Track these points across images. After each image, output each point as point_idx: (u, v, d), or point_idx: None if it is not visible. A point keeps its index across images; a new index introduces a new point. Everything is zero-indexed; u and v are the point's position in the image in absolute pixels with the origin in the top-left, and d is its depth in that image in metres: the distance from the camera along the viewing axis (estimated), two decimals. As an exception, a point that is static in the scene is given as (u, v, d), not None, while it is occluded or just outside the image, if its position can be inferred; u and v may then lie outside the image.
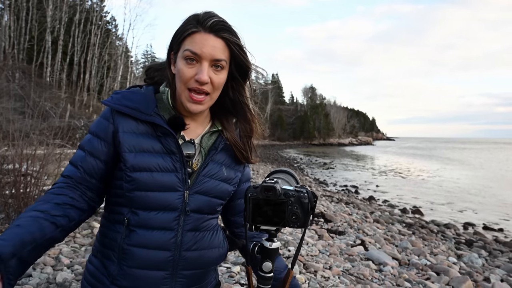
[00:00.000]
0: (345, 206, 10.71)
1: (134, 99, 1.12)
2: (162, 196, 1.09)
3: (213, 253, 1.21)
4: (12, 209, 4.06)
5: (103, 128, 1.12)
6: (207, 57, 1.07)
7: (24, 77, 23.83)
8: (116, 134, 1.09)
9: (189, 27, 1.09)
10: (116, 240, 1.12)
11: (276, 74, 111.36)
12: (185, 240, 1.13)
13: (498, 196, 16.36)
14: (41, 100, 17.92)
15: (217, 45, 1.08)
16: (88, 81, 33.26)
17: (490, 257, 7.15)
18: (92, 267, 1.18)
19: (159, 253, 1.10)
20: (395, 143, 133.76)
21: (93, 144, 1.12)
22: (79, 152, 1.14)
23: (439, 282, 4.59)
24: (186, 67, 1.08)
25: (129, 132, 1.10)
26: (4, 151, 5.03)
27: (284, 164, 29.93)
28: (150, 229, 1.10)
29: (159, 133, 1.10)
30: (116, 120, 1.10)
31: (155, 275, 1.11)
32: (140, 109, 1.10)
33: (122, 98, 1.12)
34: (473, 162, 39.94)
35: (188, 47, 1.08)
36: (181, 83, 1.10)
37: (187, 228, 1.13)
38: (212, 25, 1.08)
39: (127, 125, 1.10)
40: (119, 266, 1.11)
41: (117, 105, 1.10)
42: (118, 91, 1.16)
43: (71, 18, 33.01)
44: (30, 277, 3.09)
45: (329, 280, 3.91)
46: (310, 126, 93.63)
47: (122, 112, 1.10)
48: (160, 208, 1.10)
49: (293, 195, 0.99)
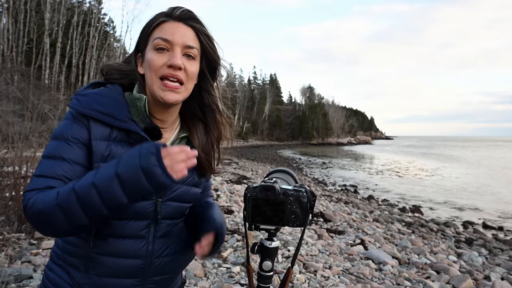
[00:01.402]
0: (344, 205, 10.71)
1: (105, 103, 1.04)
2: (134, 206, 1.02)
3: (182, 257, 1.19)
4: (12, 212, 4.07)
5: (78, 132, 1.01)
6: (178, 43, 1.04)
7: (23, 79, 23.82)
8: (90, 140, 1.02)
9: (157, 18, 1.07)
10: (82, 248, 1.06)
11: (274, 74, 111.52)
12: (156, 247, 1.10)
13: (498, 194, 16.40)
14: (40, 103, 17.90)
15: (188, 33, 1.06)
16: (86, 83, 33.22)
17: (490, 255, 7.15)
18: (52, 274, 1.11)
19: (130, 261, 1.07)
20: (394, 142, 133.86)
21: (75, 151, 1.00)
22: (55, 163, 0.99)
23: (439, 280, 4.59)
24: (156, 56, 1.04)
25: (101, 140, 1.02)
26: (3, 154, 5.04)
27: (283, 164, 29.94)
28: (120, 238, 1.05)
29: (132, 140, 1.04)
30: (90, 126, 1.02)
31: (125, 283, 1.08)
32: (114, 115, 1.02)
33: (92, 101, 1.03)
34: (472, 160, 39.99)
35: (158, 36, 1.04)
36: (152, 72, 1.04)
37: (158, 235, 1.10)
38: (181, 14, 1.06)
39: (99, 131, 1.02)
40: (87, 274, 1.06)
41: (88, 109, 1.01)
42: (83, 93, 1.07)
43: (69, 20, 33.00)
44: (31, 279, 3.09)
45: (329, 280, 3.92)
46: (308, 126, 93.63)
47: (94, 117, 1.01)
48: (131, 217, 1.05)
49: (292, 195, 1.00)
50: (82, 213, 0.89)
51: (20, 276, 3.07)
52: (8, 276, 3.00)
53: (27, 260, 3.48)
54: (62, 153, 0.99)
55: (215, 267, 3.74)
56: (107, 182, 0.88)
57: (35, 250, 3.72)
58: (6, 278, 2.96)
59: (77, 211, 0.89)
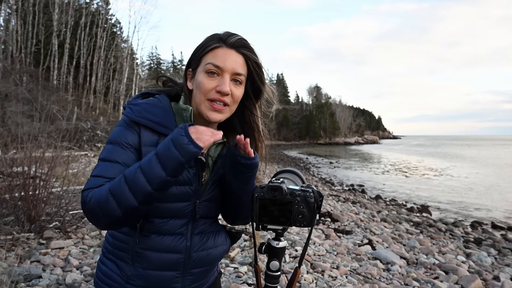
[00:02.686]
0: (352, 205, 10.67)
1: (155, 113, 1.14)
2: (174, 206, 1.15)
3: (218, 250, 1.28)
4: (21, 212, 4.11)
5: (130, 138, 1.12)
6: (228, 70, 1.12)
7: (32, 80, 24.02)
8: (140, 145, 1.12)
9: (211, 43, 1.14)
10: (129, 243, 1.17)
11: (281, 74, 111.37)
12: (194, 243, 1.20)
13: (507, 194, 16.20)
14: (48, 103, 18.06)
15: (238, 60, 1.14)
16: (94, 83, 33.46)
17: (500, 255, 7.07)
18: (105, 267, 1.23)
19: (170, 255, 1.17)
20: (401, 141, 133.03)
21: (128, 155, 1.10)
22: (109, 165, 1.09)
23: (448, 281, 4.56)
24: (207, 79, 1.12)
25: (150, 146, 1.11)
26: (13, 154, 5.09)
27: (290, 163, 29.90)
28: (162, 235, 1.16)
29: None
30: (141, 132, 1.12)
31: (167, 275, 1.18)
32: (163, 123, 1.13)
33: (143, 110, 1.14)
34: (481, 159, 39.58)
35: (210, 61, 1.12)
36: (201, 94, 1.13)
37: (195, 232, 1.21)
38: (235, 42, 1.14)
39: (149, 138, 1.12)
40: (133, 267, 1.17)
41: (140, 118, 1.12)
42: (136, 102, 1.17)
43: (77, 21, 33.24)
44: (40, 278, 3.12)
45: (336, 280, 3.91)
46: (315, 125, 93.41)
47: (144, 125, 1.12)
48: (171, 216, 1.16)
49: (299, 195, 1.00)
50: (130, 194, 0.98)
51: (30, 276, 3.11)
52: (18, 275, 3.03)
53: (36, 260, 3.52)
54: (116, 157, 1.10)
55: (222, 267, 3.75)
56: (148, 162, 0.99)
57: (44, 250, 3.76)
58: (16, 277, 3.00)
59: (127, 193, 0.98)
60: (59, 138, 5.73)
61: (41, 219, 4.19)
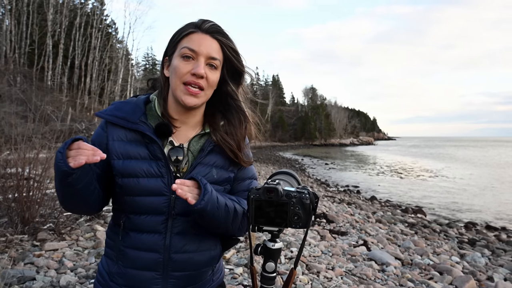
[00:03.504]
0: (347, 206, 10.70)
1: (124, 109, 1.19)
2: (148, 201, 1.15)
3: (203, 255, 1.24)
4: (15, 213, 4.07)
5: (99, 137, 1.20)
6: (203, 54, 1.14)
7: (26, 81, 23.90)
8: (107, 141, 1.17)
9: (187, 28, 1.18)
10: (114, 240, 1.22)
11: (277, 75, 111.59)
12: (173, 243, 1.18)
13: (501, 195, 16.32)
14: (42, 104, 17.97)
15: (213, 45, 1.16)
16: (89, 84, 33.33)
17: (493, 256, 7.12)
18: (100, 264, 1.29)
19: (149, 254, 1.17)
20: (396, 142, 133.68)
21: None
22: None
23: (442, 281, 4.58)
24: (182, 63, 1.14)
25: (118, 140, 1.17)
26: (6, 155, 5.05)
27: (285, 165, 29.93)
28: (140, 232, 1.17)
29: (147, 140, 1.16)
30: (108, 130, 1.18)
31: (146, 275, 1.18)
32: (127, 118, 1.17)
33: (114, 109, 1.20)
34: (475, 160, 39.84)
35: (185, 45, 1.14)
36: (176, 78, 1.15)
37: (175, 231, 1.18)
38: (209, 27, 1.16)
39: (116, 133, 1.17)
40: (117, 265, 1.20)
41: (107, 115, 1.19)
42: (114, 102, 1.25)
43: (72, 21, 33.11)
44: (34, 281, 3.10)
45: (332, 281, 3.91)
46: (311, 126, 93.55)
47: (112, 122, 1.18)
48: (148, 212, 1.16)
49: (295, 196, 1.00)
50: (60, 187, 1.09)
51: (23, 278, 3.08)
52: (12, 277, 3.00)
53: (30, 262, 3.49)
54: None
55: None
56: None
57: (38, 252, 3.73)
58: (10, 279, 2.97)
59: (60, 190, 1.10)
60: (53, 139, 5.69)
61: (35, 221, 4.16)
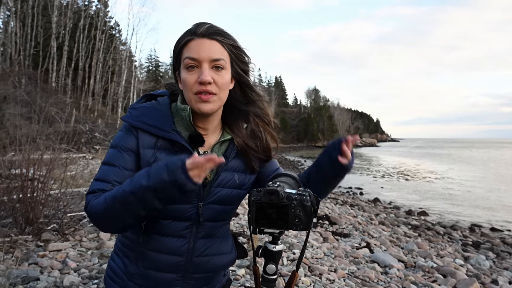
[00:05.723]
0: (350, 208, 10.67)
1: (152, 116, 1.16)
2: (175, 208, 1.15)
3: (222, 258, 1.27)
4: (19, 214, 4.10)
5: (129, 142, 1.16)
6: (205, 59, 1.11)
7: (30, 83, 24.01)
8: (139, 148, 1.15)
9: (183, 38, 1.15)
10: (134, 242, 1.21)
11: (279, 77, 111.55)
12: (196, 247, 1.20)
13: (506, 197, 16.21)
14: (47, 106, 18.07)
15: (213, 47, 1.12)
16: (93, 86, 33.47)
17: (498, 259, 7.08)
18: (113, 264, 1.28)
19: (171, 257, 1.18)
20: (400, 144, 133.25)
21: (125, 158, 1.15)
22: (108, 168, 1.14)
23: (446, 284, 4.56)
24: (188, 75, 1.12)
25: (148, 148, 1.15)
26: (11, 156, 5.09)
27: (288, 166, 29.89)
28: (164, 236, 1.17)
29: (176, 149, 1.15)
30: (139, 135, 1.15)
31: (167, 277, 1.20)
32: (158, 126, 1.15)
33: (141, 114, 1.17)
34: (480, 162, 39.60)
35: (186, 55, 1.12)
36: (187, 91, 1.14)
37: (200, 236, 1.20)
38: (204, 31, 1.12)
39: (146, 140, 1.15)
40: (137, 265, 1.21)
41: (137, 121, 1.16)
42: (135, 106, 1.21)
43: (76, 24, 33.27)
44: (38, 281, 3.12)
45: (334, 283, 3.91)
46: (314, 128, 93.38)
47: (142, 129, 1.15)
48: (174, 218, 1.17)
49: (296, 199, 1.00)
50: (126, 214, 1.03)
51: (27, 278, 3.10)
52: (16, 278, 3.03)
53: (34, 262, 3.51)
54: (115, 160, 1.15)
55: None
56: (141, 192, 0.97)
57: (42, 252, 3.76)
58: (14, 280, 2.99)
59: (122, 213, 1.03)
60: (58, 140, 5.73)
61: (39, 222, 4.18)
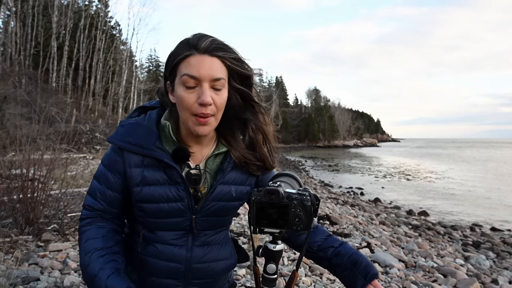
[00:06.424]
0: (350, 208, 10.67)
1: (136, 134, 1.14)
2: (170, 221, 1.17)
3: (221, 264, 1.26)
4: (19, 214, 4.10)
5: (114, 162, 1.17)
6: (206, 78, 1.04)
7: (31, 83, 24.01)
8: (125, 168, 1.16)
9: (182, 51, 1.06)
10: (135, 249, 1.22)
11: (280, 77, 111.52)
12: (194, 254, 1.20)
13: (507, 197, 16.21)
14: (47, 106, 18.05)
15: (214, 65, 1.05)
16: (93, 86, 33.49)
17: (498, 258, 7.07)
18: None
19: (171, 264, 1.18)
20: (401, 144, 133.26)
21: (108, 178, 1.18)
22: (96, 185, 1.20)
23: (446, 284, 4.56)
24: (186, 93, 1.06)
25: (135, 167, 1.15)
26: (11, 156, 5.09)
27: (289, 166, 29.90)
28: (162, 243, 1.18)
29: (163, 165, 1.13)
30: (124, 156, 1.16)
31: (168, 283, 1.20)
32: (142, 144, 1.13)
33: (125, 133, 1.16)
34: (480, 162, 39.59)
35: (185, 72, 1.05)
36: (184, 110, 1.08)
37: (196, 244, 1.20)
38: (206, 47, 1.05)
39: (133, 160, 1.15)
40: (137, 271, 1.23)
41: (121, 142, 1.15)
42: (123, 123, 1.20)
43: (76, 23, 33.29)
44: (38, 281, 3.12)
45: (335, 283, 3.91)
46: (314, 128, 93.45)
47: (126, 149, 1.15)
48: (169, 229, 1.18)
49: (296, 198, 1.00)
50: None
51: (28, 278, 3.10)
52: (16, 278, 3.02)
53: (34, 262, 3.51)
54: (100, 179, 1.20)
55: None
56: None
57: (42, 253, 3.75)
58: (14, 280, 2.99)
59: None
60: (58, 141, 5.72)
61: (39, 222, 4.18)
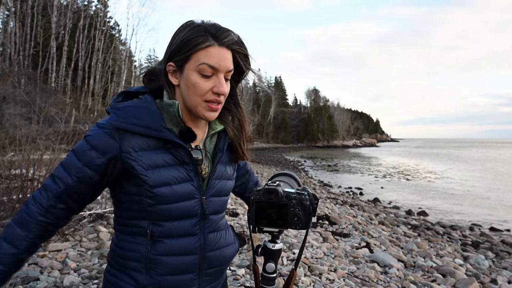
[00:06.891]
0: (349, 208, 10.69)
1: (140, 116, 1.09)
2: (182, 206, 1.12)
3: (231, 249, 1.28)
4: (19, 214, 4.10)
5: (107, 144, 1.07)
6: (223, 69, 1.09)
7: (30, 83, 24.00)
8: (122, 153, 1.07)
9: (200, 39, 1.07)
10: (140, 251, 1.13)
11: (279, 77, 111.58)
12: (207, 242, 1.19)
13: (505, 197, 16.23)
14: (46, 106, 18.05)
15: (229, 57, 1.11)
16: (92, 86, 33.49)
17: (497, 258, 7.09)
18: (114, 279, 1.18)
19: (186, 258, 1.16)
20: (400, 144, 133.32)
21: (92, 156, 1.07)
22: (73, 161, 1.09)
23: (445, 284, 4.57)
24: (202, 81, 1.08)
25: (141, 150, 1.08)
26: (11, 157, 5.09)
27: (288, 166, 29.92)
28: (175, 238, 1.14)
29: (169, 146, 1.10)
30: (121, 138, 1.07)
31: (184, 278, 1.17)
32: (149, 126, 1.08)
33: (128, 115, 1.08)
34: (479, 162, 39.62)
35: (204, 61, 1.07)
36: (197, 96, 1.10)
37: (208, 230, 1.19)
38: (228, 40, 1.09)
39: (136, 143, 1.08)
40: (149, 275, 1.14)
41: (126, 123, 1.07)
42: (118, 106, 1.11)
43: (76, 24, 33.29)
44: (37, 281, 3.12)
45: (334, 283, 3.91)
46: (314, 128, 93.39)
47: (132, 131, 1.07)
48: (181, 217, 1.13)
49: (295, 198, 1.01)
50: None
51: (27, 278, 3.11)
52: (16, 278, 3.03)
53: (34, 262, 3.51)
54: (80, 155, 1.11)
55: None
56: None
57: (41, 253, 3.76)
58: (14, 280, 3.00)
59: None
60: (57, 141, 5.72)
61: (38, 222, 4.18)
